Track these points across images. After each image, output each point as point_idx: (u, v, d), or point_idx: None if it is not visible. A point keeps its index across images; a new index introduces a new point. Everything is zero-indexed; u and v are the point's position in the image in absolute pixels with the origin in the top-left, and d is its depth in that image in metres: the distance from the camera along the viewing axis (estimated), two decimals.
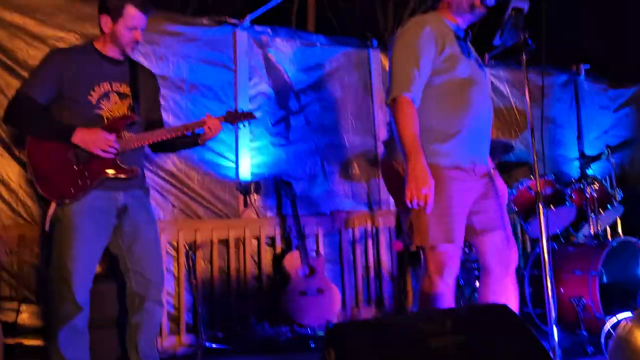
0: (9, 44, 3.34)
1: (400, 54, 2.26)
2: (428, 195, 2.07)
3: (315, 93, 4.51)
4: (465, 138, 2.26)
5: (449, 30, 2.33)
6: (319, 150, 4.46)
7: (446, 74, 2.26)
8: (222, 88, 4.12)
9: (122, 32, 2.54)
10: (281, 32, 4.42)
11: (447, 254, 2.23)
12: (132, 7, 2.53)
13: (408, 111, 2.17)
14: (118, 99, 2.57)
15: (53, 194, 2.42)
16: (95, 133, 2.43)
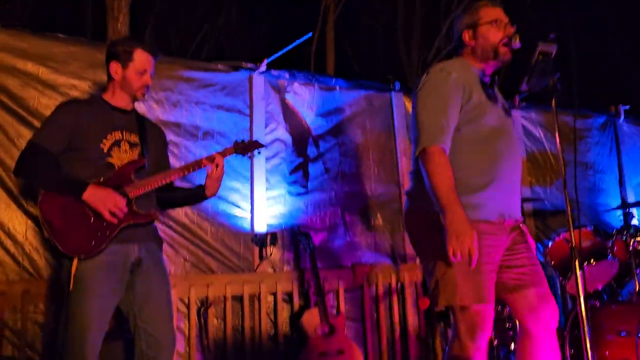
0: (21, 93, 3.50)
1: (427, 102, 2.32)
2: (473, 249, 2.08)
3: (335, 139, 4.61)
4: (493, 190, 2.29)
5: (475, 77, 2.40)
6: (339, 199, 4.52)
7: (473, 123, 2.32)
8: (237, 134, 4.22)
9: (132, 77, 2.68)
10: (299, 76, 4.56)
11: (479, 314, 2.21)
12: (141, 50, 2.70)
13: (441, 161, 2.21)
14: (128, 148, 2.68)
15: (75, 249, 2.45)
16: (106, 193, 2.50)
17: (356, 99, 4.78)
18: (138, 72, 2.68)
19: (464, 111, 2.32)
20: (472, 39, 2.45)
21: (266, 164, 4.30)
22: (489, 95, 2.40)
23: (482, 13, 2.45)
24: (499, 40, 2.40)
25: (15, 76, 3.50)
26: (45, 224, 2.45)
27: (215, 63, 4.29)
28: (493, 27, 2.41)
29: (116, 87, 2.72)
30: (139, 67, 2.69)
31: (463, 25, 2.49)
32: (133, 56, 2.68)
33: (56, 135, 2.57)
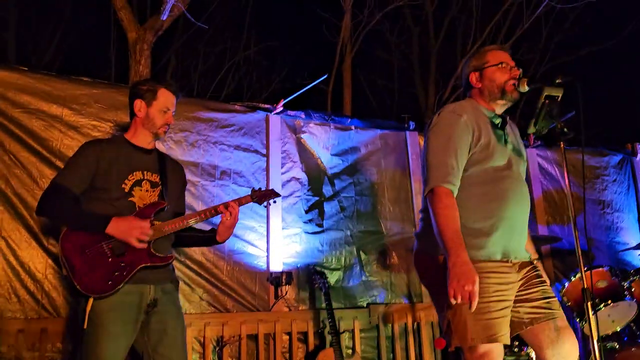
0: (44, 134, 3.62)
1: (436, 143, 2.37)
2: (473, 292, 2.08)
3: (351, 178, 4.66)
4: (499, 230, 2.31)
5: (485, 118, 2.45)
6: (354, 238, 4.54)
7: (480, 164, 2.35)
8: (253, 174, 4.31)
9: (156, 114, 2.77)
10: (315, 116, 4.65)
11: (488, 355, 2.20)
12: (165, 90, 2.80)
13: (448, 202, 2.24)
14: (149, 187, 2.73)
15: (91, 289, 2.48)
16: (129, 221, 2.56)
17: (371, 138, 4.85)
18: (161, 110, 2.78)
19: (472, 153, 2.36)
20: (479, 81, 2.52)
21: (282, 202, 4.35)
22: (498, 137, 2.44)
23: (488, 56, 2.53)
24: (504, 81, 2.47)
25: (39, 118, 3.63)
26: (64, 262, 2.48)
27: (233, 104, 4.41)
28: (499, 70, 2.48)
29: (138, 126, 2.80)
30: (163, 106, 2.78)
31: (470, 68, 2.57)
32: (157, 95, 2.78)
33: (78, 175, 2.63)
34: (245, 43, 10.74)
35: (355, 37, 9.46)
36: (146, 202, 2.68)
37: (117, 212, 2.59)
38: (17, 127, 3.56)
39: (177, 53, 10.60)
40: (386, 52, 11.32)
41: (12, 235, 3.44)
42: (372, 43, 10.71)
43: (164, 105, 2.78)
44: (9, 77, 3.61)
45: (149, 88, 2.79)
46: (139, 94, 2.79)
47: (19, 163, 3.52)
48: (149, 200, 2.69)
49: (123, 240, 2.52)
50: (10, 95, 3.58)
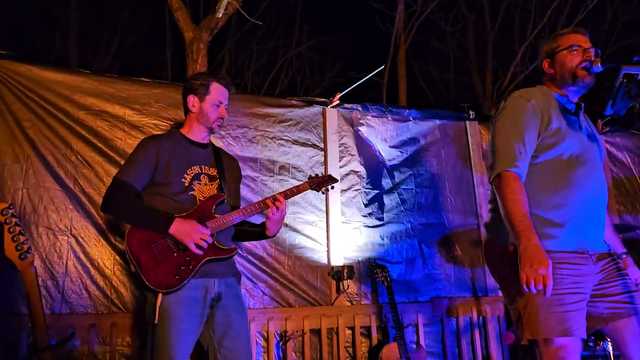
0: (109, 134, 3.75)
1: (503, 128, 2.31)
2: (547, 277, 2.01)
3: (410, 169, 4.62)
4: (573, 219, 2.22)
5: (556, 103, 2.37)
6: (416, 230, 4.50)
7: (552, 150, 2.27)
8: (311, 168, 4.32)
9: (209, 109, 2.81)
10: (371, 108, 4.63)
11: (565, 349, 2.11)
12: (217, 83, 2.84)
13: (515, 186, 2.18)
14: (208, 181, 2.78)
15: (160, 284, 2.52)
16: (191, 225, 2.59)
17: (430, 129, 4.79)
18: (214, 104, 2.82)
19: (542, 138, 2.29)
20: (551, 67, 2.46)
21: (341, 196, 4.36)
22: (570, 122, 2.35)
23: (560, 41, 2.45)
24: (576, 64, 2.38)
25: (104, 119, 3.76)
26: (131, 258, 2.53)
27: (289, 99, 4.43)
28: (570, 53, 2.40)
29: (193, 121, 2.85)
30: (215, 99, 2.82)
31: (543, 54, 2.51)
32: (210, 89, 2.82)
33: (139, 171, 2.68)
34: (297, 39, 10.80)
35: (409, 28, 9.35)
36: (206, 195, 2.73)
37: (179, 206, 2.64)
38: (83, 128, 3.69)
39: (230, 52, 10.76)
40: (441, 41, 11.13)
41: (81, 233, 3.57)
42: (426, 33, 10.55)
43: (217, 99, 2.82)
44: (74, 80, 3.75)
45: (201, 83, 2.84)
46: (192, 90, 2.84)
47: (86, 163, 3.65)
48: (209, 194, 2.74)
49: (182, 242, 2.57)
50: (76, 97, 3.72)
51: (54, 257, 3.48)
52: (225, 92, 2.86)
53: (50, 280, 3.44)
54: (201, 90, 2.82)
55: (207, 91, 2.82)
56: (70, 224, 3.55)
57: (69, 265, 3.50)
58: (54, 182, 3.56)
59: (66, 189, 3.58)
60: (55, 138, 3.61)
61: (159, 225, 2.57)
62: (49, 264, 3.46)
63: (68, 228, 3.54)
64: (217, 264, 2.68)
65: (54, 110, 3.64)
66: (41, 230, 3.49)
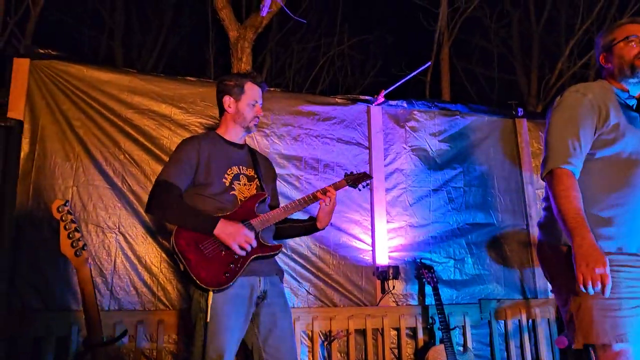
0: (155, 133, 3.79)
1: (557, 123, 2.22)
2: (605, 276, 1.91)
3: (457, 167, 4.54)
4: (631, 220, 2.11)
5: (616, 99, 2.27)
6: (463, 230, 4.42)
7: (610, 147, 2.18)
8: (356, 166, 4.27)
9: (245, 108, 2.82)
10: (417, 104, 4.57)
11: (624, 355, 2.00)
12: (251, 83, 2.86)
13: (568, 183, 2.09)
14: (247, 181, 2.78)
15: (210, 282, 2.51)
16: (236, 227, 2.58)
17: (478, 125, 4.70)
18: (250, 103, 2.83)
19: (599, 134, 2.19)
20: (608, 61, 2.36)
21: (386, 195, 4.31)
22: (630, 119, 2.24)
23: (616, 33, 2.34)
24: (634, 55, 2.27)
25: (150, 118, 3.80)
26: (181, 259, 2.53)
27: (333, 97, 4.40)
28: (627, 45, 2.29)
29: (229, 121, 2.85)
30: (251, 99, 2.84)
31: (599, 49, 2.41)
32: (244, 89, 2.84)
33: (182, 171, 2.69)
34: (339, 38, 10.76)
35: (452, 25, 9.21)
36: (246, 195, 2.73)
37: (221, 206, 2.64)
38: (131, 127, 3.74)
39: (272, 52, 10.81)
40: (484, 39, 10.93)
41: (129, 231, 3.62)
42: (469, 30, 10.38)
43: (252, 99, 2.84)
44: (122, 79, 3.80)
45: (235, 83, 2.85)
46: (227, 91, 2.85)
47: (133, 162, 3.70)
48: (249, 194, 2.74)
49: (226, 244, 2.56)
50: (123, 97, 3.77)
51: (103, 255, 3.54)
52: (259, 91, 2.88)
53: (99, 277, 3.49)
54: (236, 90, 2.84)
55: (242, 91, 2.83)
56: (118, 222, 3.60)
57: (117, 262, 3.55)
58: (102, 180, 3.62)
59: (114, 187, 3.63)
60: (104, 137, 3.67)
61: (203, 226, 2.57)
62: (97, 261, 3.51)
63: (116, 226, 3.59)
64: (262, 262, 2.69)
65: (103, 110, 3.70)
66: (90, 228, 3.54)
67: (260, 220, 2.67)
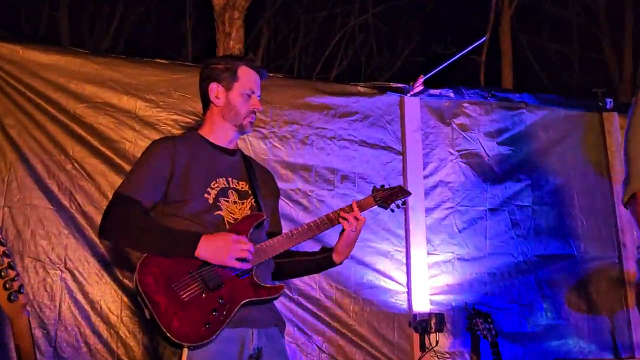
0: (115, 134, 3.83)
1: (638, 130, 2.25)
2: None
3: (524, 179, 4.56)
4: None
5: None
6: (533, 264, 4.42)
7: None
8: (385, 178, 4.29)
9: (239, 99, 2.79)
10: (468, 93, 4.60)
11: None
12: (246, 67, 2.84)
13: None
14: (237, 198, 2.76)
15: (184, 335, 2.47)
16: (224, 238, 2.59)
17: (552, 121, 4.72)
18: (245, 93, 2.81)
19: None
20: None
21: (427, 217, 4.32)
22: None
23: None
24: None
25: (108, 114, 3.85)
26: (147, 302, 2.47)
27: (354, 84, 4.43)
28: None
29: (216, 118, 2.83)
30: (246, 87, 2.81)
31: None
32: (237, 74, 2.82)
33: (150, 183, 2.67)
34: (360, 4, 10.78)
35: None
36: (236, 216, 2.71)
37: (201, 231, 2.63)
38: (82, 127, 3.78)
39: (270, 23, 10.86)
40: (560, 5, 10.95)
41: (79, 267, 3.64)
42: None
43: (248, 87, 2.81)
44: (70, 63, 3.84)
45: (226, 67, 2.83)
46: (214, 76, 2.83)
47: (84, 173, 3.74)
48: (240, 215, 2.72)
49: (219, 264, 2.55)
50: (71, 86, 3.81)
51: (44, 299, 3.56)
52: (258, 78, 2.87)
53: (39, 328, 3.52)
54: (227, 76, 2.82)
55: (234, 77, 2.81)
56: (64, 255, 3.63)
57: (63, 309, 3.58)
58: (43, 198, 3.65)
59: (60, 207, 3.66)
60: (45, 140, 3.71)
61: (181, 248, 2.55)
62: (37, 308, 3.53)
63: (62, 260, 3.62)
64: (256, 309, 2.66)
65: (44, 104, 3.74)
66: (27, 263, 3.57)
67: (255, 252, 2.67)
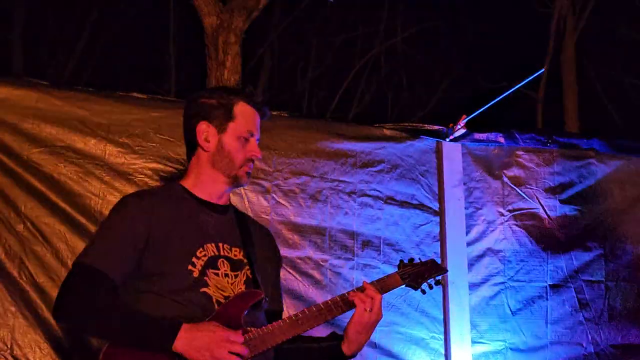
0: (78, 186, 3.84)
1: None
2: None
3: (595, 248, 4.54)
4: None
5: None
6: (606, 357, 4.37)
7: None
8: (418, 245, 4.29)
9: (234, 145, 2.77)
10: (523, 138, 4.61)
11: None
12: (244, 103, 2.81)
13: None
14: (229, 269, 2.72)
15: None
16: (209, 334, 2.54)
17: (629, 175, 4.73)
18: (241, 137, 2.79)
19: None
20: None
21: (471, 295, 4.31)
22: None
23: None
24: None
25: (70, 161, 3.87)
26: None
27: (379, 126, 4.45)
28: None
29: (204, 166, 2.80)
30: (243, 129, 2.78)
31: None
32: (234, 112, 2.80)
33: (119, 252, 2.64)
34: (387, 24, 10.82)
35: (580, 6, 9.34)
36: (228, 293, 2.69)
37: (184, 313, 2.61)
38: (37, 177, 3.80)
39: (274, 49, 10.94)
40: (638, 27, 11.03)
41: (28, 354, 3.63)
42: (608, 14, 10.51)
43: (245, 129, 2.78)
44: (24, 97, 3.88)
45: (219, 102, 2.80)
46: (204, 114, 2.79)
47: (40, 235, 3.75)
48: (232, 292, 2.70)
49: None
50: (26, 126, 3.84)
51: None
52: (257, 118, 2.85)
53: None
54: (219, 114, 2.78)
55: (229, 116, 2.78)
56: (10, 339, 3.62)
57: None
58: None
59: (6, 278, 3.66)
60: None
61: (154, 339, 2.53)
62: None
63: (8, 345, 3.61)
64: None
65: None
66: None
67: (249, 340, 2.64)
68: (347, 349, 2.79)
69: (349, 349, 2.79)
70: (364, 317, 2.74)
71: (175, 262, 2.67)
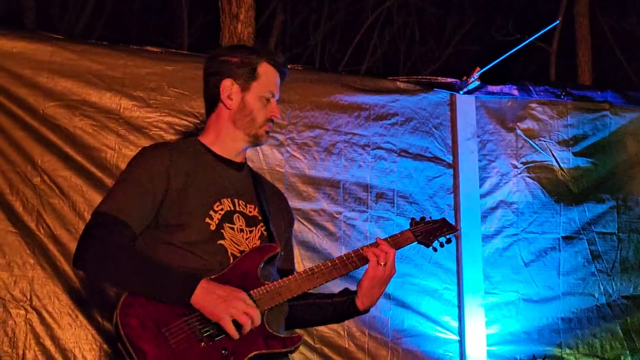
0: (94, 140, 3.86)
1: None
2: None
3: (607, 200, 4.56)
4: None
5: None
6: (618, 308, 4.41)
7: None
8: (431, 197, 4.30)
9: (256, 105, 2.78)
10: (537, 90, 4.60)
11: None
12: (267, 63, 2.81)
13: None
14: (244, 225, 2.72)
15: None
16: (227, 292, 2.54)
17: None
18: (264, 97, 2.79)
19: None
20: None
21: (484, 247, 4.33)
22: None
23: None
24: None
25: (86, 115, 3.88)
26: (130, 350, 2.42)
27: (392, 79, 4.44)
28: None
29: (225, 123, 2.78)
30: (266, 90, 2.77)
31: None
32: (257, 72, 2.80)
33: (138, 202, 2.64)
34: None
35: None
36: (242, 248, 2.69)
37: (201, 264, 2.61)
38: (53, 131, 3.82)
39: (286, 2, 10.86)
40: None
41: (47, 305, 3.67)
42: None
43: (268, 90, 2.77)
44: (38, 51, 3.88)
45: (243, 61, 2.79)
46: (228, 72, 2.79)
47: (56, 188, 3.77)
48: (247, 245, 2.70)
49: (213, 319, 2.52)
50: (41, 80, 3.84)
51: (4, 345, 3.58)
52: (279, 79, 2.85)
53: None
54: (243, 73, 2.77)
55: (253, 75, 2.76)
56: (30, 290, 3.66)
57: (28, 358, 3.60)
58: (4, 219, 3.68)
59: (24, 231, 3.69)
60: (8, 147, 3.75)
61: (172, 290, 2.51)
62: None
63: (27, 296, 3.65)
64: None
65: (7, 102, 3.78)
66: None
67: (266, 292, 2.64)
68: (360, 304, 2.79)
69: (362, 304, 2.79)
70: (377, 271, 2.74)
71: (193, 214, 2.67)
